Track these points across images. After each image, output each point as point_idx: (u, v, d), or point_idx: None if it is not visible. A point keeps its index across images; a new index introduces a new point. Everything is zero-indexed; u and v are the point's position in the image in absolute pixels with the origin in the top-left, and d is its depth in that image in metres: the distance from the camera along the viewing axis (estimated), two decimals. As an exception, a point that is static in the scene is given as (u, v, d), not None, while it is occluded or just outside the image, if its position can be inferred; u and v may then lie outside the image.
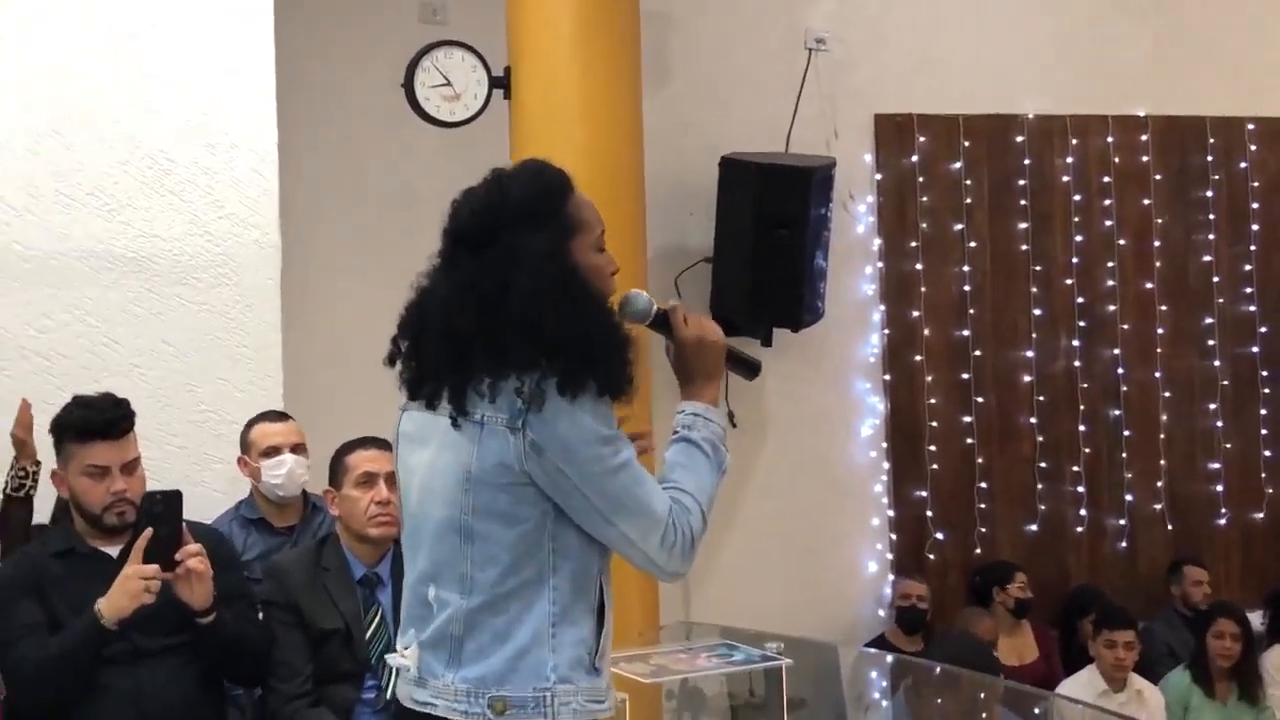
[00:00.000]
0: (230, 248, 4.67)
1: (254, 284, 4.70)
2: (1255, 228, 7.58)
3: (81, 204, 4.57)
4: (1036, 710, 5.28)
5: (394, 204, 6.21)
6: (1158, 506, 7.41)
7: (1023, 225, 7.34)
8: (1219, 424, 7.49)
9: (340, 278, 6.14)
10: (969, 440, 7.25)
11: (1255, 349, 7.54)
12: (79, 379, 4.43)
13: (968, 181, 7.29)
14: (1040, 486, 7.33)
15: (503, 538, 2.42)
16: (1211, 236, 7.53)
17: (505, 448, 2.39)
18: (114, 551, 3.60)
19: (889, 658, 5.97)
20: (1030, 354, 7.34)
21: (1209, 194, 7.53)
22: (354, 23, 6.40)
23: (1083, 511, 7.36)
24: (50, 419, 4.06)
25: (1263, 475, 7.51)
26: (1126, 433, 7.40)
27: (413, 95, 5.22)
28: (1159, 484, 7.42)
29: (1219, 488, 7.49)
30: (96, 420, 3.61)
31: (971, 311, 7.28)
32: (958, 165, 7.28)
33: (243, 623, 3.71)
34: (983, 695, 4.71)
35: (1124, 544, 7.40)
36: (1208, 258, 7.52)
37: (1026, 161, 7.35)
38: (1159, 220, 7.47)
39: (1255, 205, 7.57)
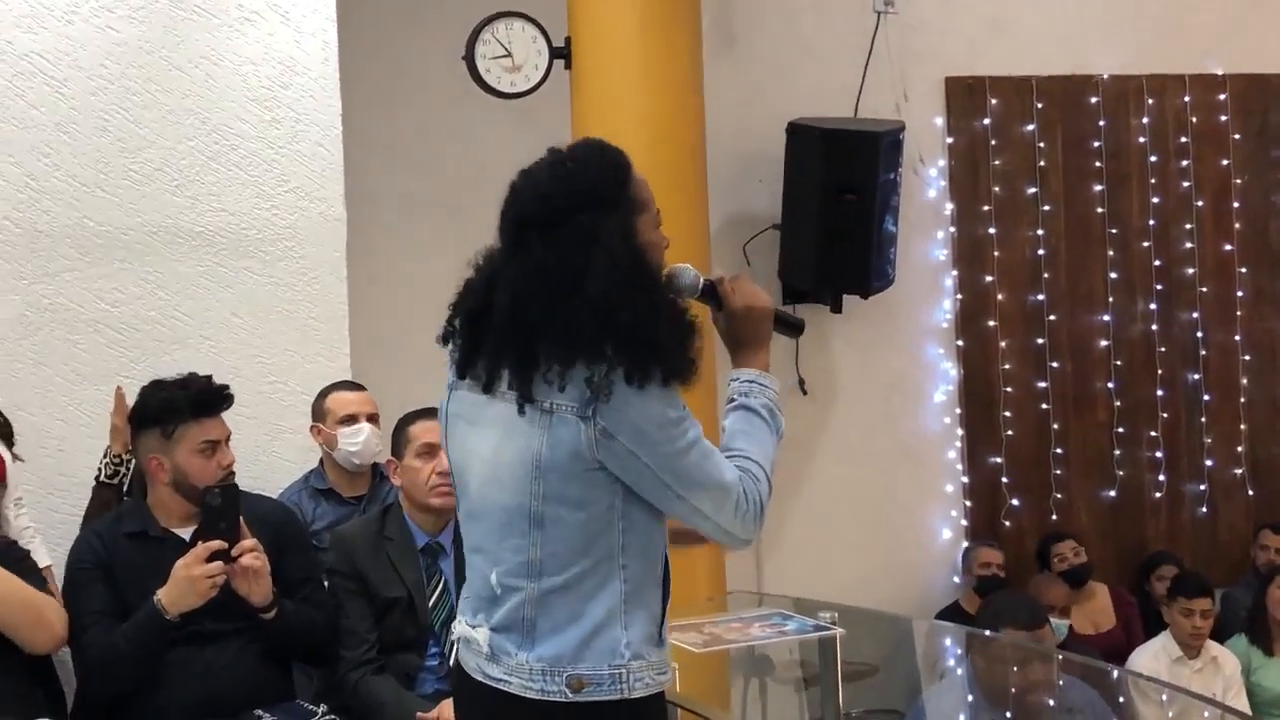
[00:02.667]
0: (296, 221, 4.71)
1: (320, 256, 4.73)
2: (1339, 186, 7.42)
3: (150, 179, 4.62)
4: (1113, 677, 5.24)
5: (458, 175, 6.23)
6: (1238, 471, 7.30)
7: (1098, 187, 7.24)
8: (1302, 387, 7.36)
9: (405, 249, 6.19)
10: (1044, 406, 7.17)
11: (1339, 310, 7.40)
12: (150, 352, 4.50)
13: (1041, 144, 7.20)
14: (1118, 452, 7.25)
15: (572, 521, 2.42)
16: (1292, 196, 7.38)
17: (576, 436, 2.39)
18: (185, 534, 3.64)
19: (964, 628, 5.93)
20: (1106, 318, 7.25)
21: (1290, 153, 7.38)
22: (418, -7, 6.44)
23: (1161, 477, 7.27)
24: (118, 391, 4.18)
25: (1347, 439, 7.37)
26: (1206, 397, 7.30)
27: (474, 67, 5.24)
28: (1239, 449, 7.31)
29: (1302, 452, 7.36)
30: (207, 397, 3.69)
31: (1046, 275, 7.19)
32: (1031, 128, 7.18)
33: (308, 609, 3.75)
34: (1050, 665, 4.67)
35: (1204, 510, 7.30)
36: (1289, 218, 7.38)
37: (1101, 123, 7.24)
38: (1238, 181, 7.33)
39: (1339, 163, 7.41)
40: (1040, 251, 7.19)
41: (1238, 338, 7.33)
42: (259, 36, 4.71)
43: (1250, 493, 7.30)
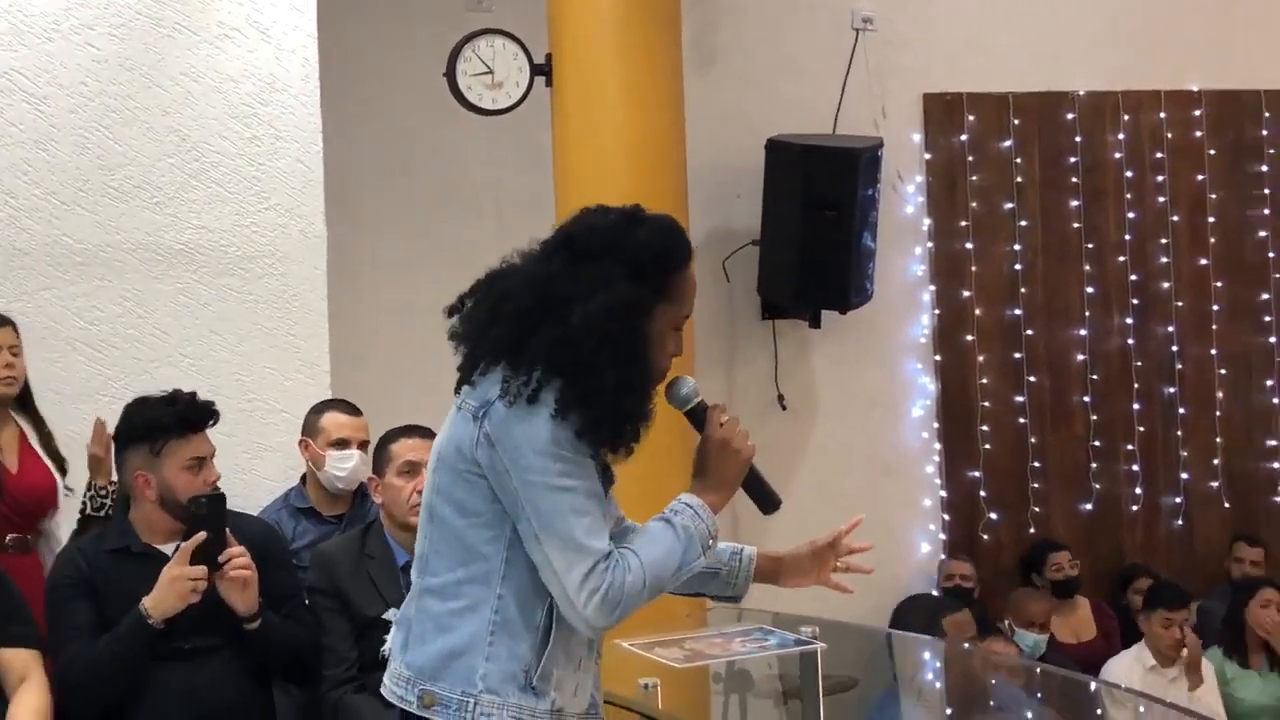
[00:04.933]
0: (276, 238, 4.72)
1: (300, 274, 4.74)
2: (1313, 201, 7.47)
3: (130, 196, 4.63)
4: (1090, 689, 5.27)
5: (439, 192, 6.24)
6: (1214, 484, 7.34)
7: (1074, 203, 7.28)
8: (1276, 400, 7.39)
9: (386, 266, 6.19)
10: (1022, 420, 7.20)
11: (1313, 324, 7.45)
12: (129, 370, 4.51)
13: (1018, 160, 7.24)
14: (1094, 466, 7.28)
15: (455, 525, 2.47)
16: (1267, 211, 7.41)
17: (465, 432, 2.44)
18: (169, 550, 3.61)
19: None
20: (1083, 333, 7.28)
21: (1264, 168, 7.41)
22: (400, 11, 6.44)
23: (1138, 490, 7.30)
24: (97, 422, 4.16)
25: (1322, 452, 7.43)
26: (1181, 410, 7.33)
27: (455, 84, 5.25)
28: (1215, 461, 7.34)
29: (1277, 465, 7.39)
30: (194, 414, 3.65)
31: (1023, 290, 7.23)
32: (1008, 143, 7.22)
33: (292, 625, 3.73)
34: (1023, 677, 4.70)
35: (1180, 522, 7.33)
36: (1263, 232, 7.41)
37: (1078, 139, 7.28)
38: (1213, 195, 7.37)
39: (1313, 178, 7.47)
40: (1017, 267, 7.23)
41: (1213, 351, 7.37)
42: (239, 53, 4.72)
43: (1226, 505, 7.34)
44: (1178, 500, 7.33)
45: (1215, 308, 7.37)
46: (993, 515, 7.15)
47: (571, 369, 2.38)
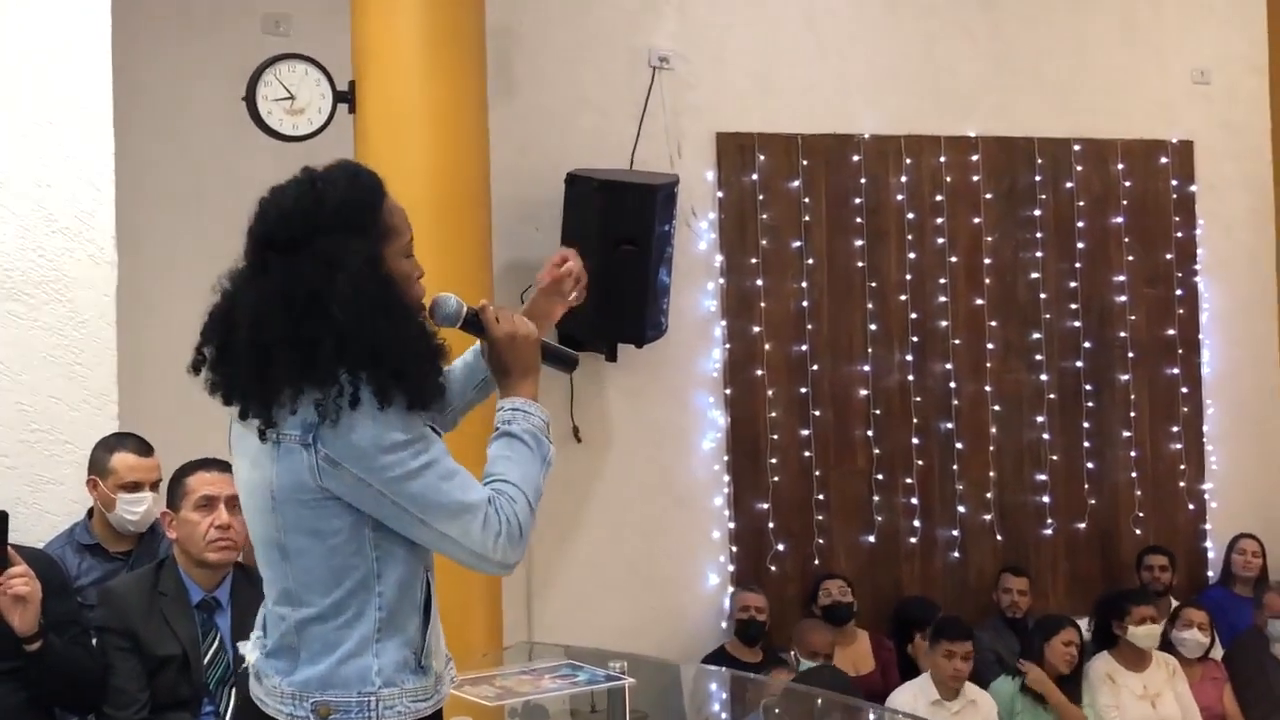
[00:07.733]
0: (64, 263, 4.54)
1: (88, 300, 4.57)
2: (1081, 245, 7.82)
3: (-93, 216, 4.42)
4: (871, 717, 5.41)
5: (235, 219, 5.99)
6: (987, 517, 7.62)
7: (859, 243, 7.49)
8: (1046, 436, 7.72)
9: (178, 294, 5.98)
10: (807, 453, 7.36)
11: (1080, 363, 7.80)
12: (-97, 398, 4.29)
13: (806, 200, 7.41)
14: (876, 499, 7.47)
15: (317, 552, 2.43)
16: (1039, 254, 7.76)
17: (299, 465, 2.39)
18: None
19: (728, 672, 6.05)
20: (866, 368, 7.48)
21: (1037, 213, 7.76)
22: (195, 34, 6.30)
23: (916, 523, 7.52)
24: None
25: (1086, 486, 7.77)
26: (958, 445, 7.59)
27: (254, 108, 5.15)
28: (989, 495, 7.62)
29: (1045, 499, 7.71)
30: None
31: (809, 327, 7.40)
32: (796, 184, 7.40)
33: (73, 650, 3.66)
34: (820, 708, 4.81)
35: (956, 554, 7.57)
36: (1035, 274, 7.75)
37: (862, 180, 7.50)
38: (989, 238, 7.68)
39: (1081, 224, 7.82)
40: (804, 303, 7.40)
41: (988, 388, 7.65)
42: (27, 72, 4.54)
43: (998, 537, 7.62)
44: (954, 533, 7.58)
45: (990, 346, 7.66)
46: (780, 547, 7.29)
47: (371, 355, 2.35)
